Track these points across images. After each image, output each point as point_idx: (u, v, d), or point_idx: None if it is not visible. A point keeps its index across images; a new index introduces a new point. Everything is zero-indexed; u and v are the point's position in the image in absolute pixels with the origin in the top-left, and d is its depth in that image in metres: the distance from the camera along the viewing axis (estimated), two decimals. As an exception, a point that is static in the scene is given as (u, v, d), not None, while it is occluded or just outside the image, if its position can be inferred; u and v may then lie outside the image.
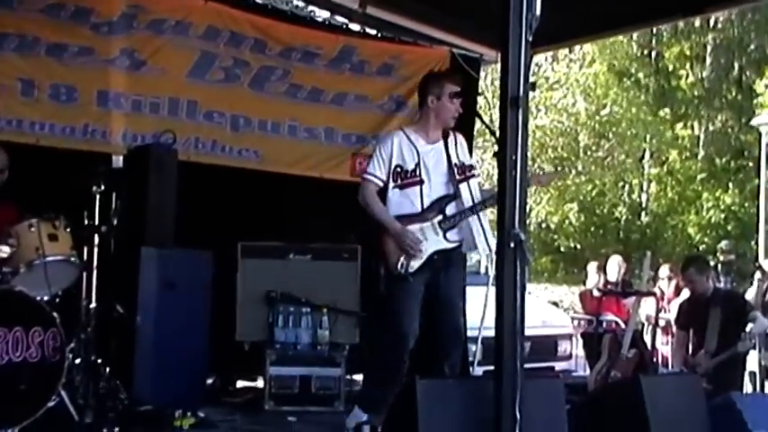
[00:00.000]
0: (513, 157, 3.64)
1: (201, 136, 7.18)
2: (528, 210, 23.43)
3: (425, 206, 5.62)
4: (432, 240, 5.57)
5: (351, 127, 7.84)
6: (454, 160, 5.72)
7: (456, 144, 5.79)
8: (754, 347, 7.86)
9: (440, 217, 5.62)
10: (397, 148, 5.66)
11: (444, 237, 5.61)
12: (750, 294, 9.15)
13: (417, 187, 5.64)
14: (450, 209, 5.65)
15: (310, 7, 9.69)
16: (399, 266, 5.51)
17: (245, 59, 7.33)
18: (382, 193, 5.69)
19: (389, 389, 5.16)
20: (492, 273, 6.95)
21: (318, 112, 7.73)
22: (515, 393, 3.57)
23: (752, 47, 27.03)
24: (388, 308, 5.65)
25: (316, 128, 7.74)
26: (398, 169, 5.65)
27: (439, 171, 5.68)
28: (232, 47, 7.24)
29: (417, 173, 5.63)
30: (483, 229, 5.66)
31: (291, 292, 6.72)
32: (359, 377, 6.56)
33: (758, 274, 9.28)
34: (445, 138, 5.75)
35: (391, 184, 5.66)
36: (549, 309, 11.48)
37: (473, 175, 5.79)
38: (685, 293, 8.33)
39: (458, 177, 5.69)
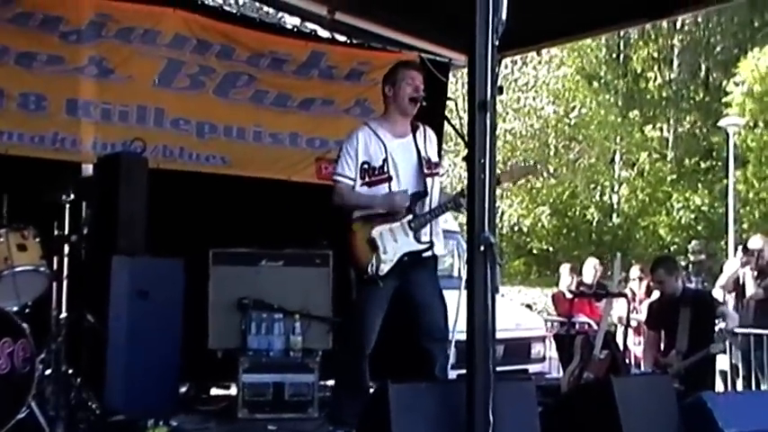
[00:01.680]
0: (482, 161, 3.65)
1: (169, 143, 7.17)
2: (500, 213, 23.80)
3: None
4: (402, 242, 5.32)
5: (314, 131, 7.84)
6: (423, 154, 5.44)
7: (425, 138, 5.52)
8: (724, 351, 7.90)
9: (409, 216, 5.35)
10: (363, 144, 5.40)
11: (415, 237, 5.35)
12: (725, 274, 9.19)
13: (386, 185, 5.37)
14: (420, 207, 5.38)
15: (279, 14, 9.70)
16: (370, 269, 5.26)
17: (211, 66, 7.33)
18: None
19: (356, 398, 5.11)
20: (464, 276, 6.93)
21: (284, 117, 7.73)
22: (488, 396, 3.57)
23: (718, 48, 27.42)
24: (352, 317, 5.54)
25: (280, 133, 7.74)
26: (365, 166, 5.39)
27: (408, 166, 5.41)
28: (198, 54, 7.24)
29: (385, 169, 5.36)
30: (440, 230, 5.49)
31: (263, 298, 6.65)
32: (332, 383, 6.54)
33: (740, 254, 9.28)
34: (414, 131, 5.49)
35: (358, 182, 5.40)
36: (523, 311, 11.52)
37: (437, 173, 5.55)
38: (656, 294, 8.38)
39: (425, 172, 5.42)
